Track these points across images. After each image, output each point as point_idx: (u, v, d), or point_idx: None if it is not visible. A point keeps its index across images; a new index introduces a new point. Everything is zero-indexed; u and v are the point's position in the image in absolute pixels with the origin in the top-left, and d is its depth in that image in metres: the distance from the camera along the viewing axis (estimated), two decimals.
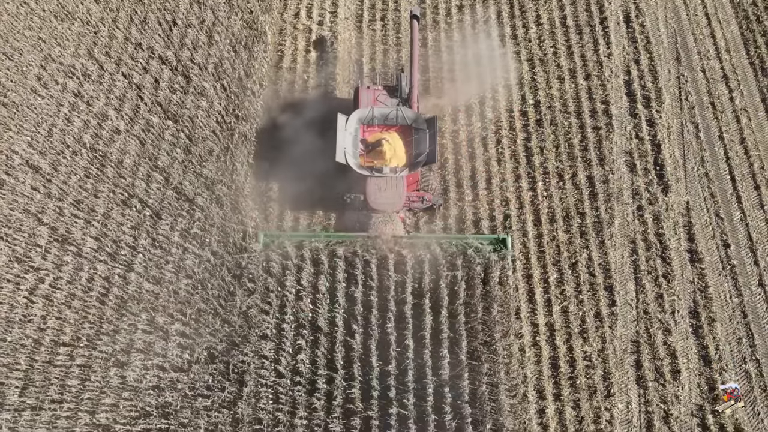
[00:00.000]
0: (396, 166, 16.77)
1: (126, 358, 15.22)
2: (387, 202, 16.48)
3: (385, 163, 16.73)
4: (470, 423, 14.78)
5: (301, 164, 18.14)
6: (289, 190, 18.08)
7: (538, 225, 18.34)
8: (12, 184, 16.83)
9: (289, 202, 18.17)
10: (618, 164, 19.31)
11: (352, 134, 16.97)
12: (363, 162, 16.88)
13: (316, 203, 18.10)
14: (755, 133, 20.04)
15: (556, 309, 17.19)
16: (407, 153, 17.05)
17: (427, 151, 16.71)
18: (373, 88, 18.00)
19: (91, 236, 16.50)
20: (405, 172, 16.79)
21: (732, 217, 18.74)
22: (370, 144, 17.04)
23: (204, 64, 19.34)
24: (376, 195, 16.43)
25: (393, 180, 16.52)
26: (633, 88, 20.64)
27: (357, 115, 17.22)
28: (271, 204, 18.07)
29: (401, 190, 16.51)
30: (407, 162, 16.97)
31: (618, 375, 16.44)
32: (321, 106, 19.36)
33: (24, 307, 15.56)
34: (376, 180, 16.49)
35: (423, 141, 16.90)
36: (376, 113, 17.22)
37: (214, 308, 16.03)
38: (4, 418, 14.34)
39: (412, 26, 18.02)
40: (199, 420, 14.73)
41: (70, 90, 18.34)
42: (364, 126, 17.27)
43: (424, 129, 17.01)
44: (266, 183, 18.31)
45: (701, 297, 17.50)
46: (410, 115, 17.26)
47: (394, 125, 17.28)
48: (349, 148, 16.70)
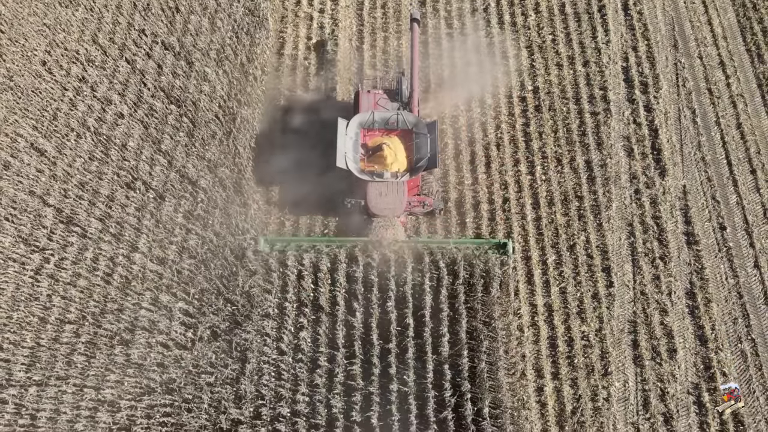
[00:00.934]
0: (397, 171, 16.66)
1: (130, 336, 15.45)
2: (388, 208, 16.39)
3: (386, 168, 16.60)
4: (469, 399, 15.01)
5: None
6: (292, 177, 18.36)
7: (536, 208, 18.57)
8: (17, 167, 17.04)
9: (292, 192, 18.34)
10: (616, 149, 19.53)
11: (353, 139, 16.82)
12: (364, 166, 16.74)
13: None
14: (751, 118, 20.26)
15: (555, 290, 17.43)
16: (408, 157, 16.92)
17: (428, 156, 16.62)
18: (373, 92, 17.85)
19: (96, 217, 16.71)
20: (406, 177, 16.65)
21: (728, 200, 18.97)
22: (371, 149, 16.92)
23: (206, 49, 19.55)
24: (377, 200, 16.35)
25: (394, 185, 16.42)
26: (631, 74, 20.87)
27: (357, 119, 17.08)
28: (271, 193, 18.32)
29: (402, 195, 16.41)
30: (408, 167, 16.83)
31: (615, 354, 16.68)
32: (323, 97, 19.66)
33: (30, 286, 15.77)
34: (377, 185, 16.40)
35: (424, 145, 16.76)
36: (377, 117, 17.08)
37: (217, 288, 16.26)
38: (11, 393, 14.56)
39: (413, 29, 17.90)
40: (203, 396, 14.97)
41: (75, 75, 18.54)
42: (365, 130, 17.12)
43: (425, 133, 16.85)
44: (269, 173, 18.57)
45: (697, 278, 17.73)
46: (411, 120, 17.13)
47: (394, 129, 17.14)
48: (350, 153, 16.56)
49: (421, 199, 17.51)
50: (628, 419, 16.05)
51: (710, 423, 15.97)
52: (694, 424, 15.99)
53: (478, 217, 18.36)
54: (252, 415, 14.89)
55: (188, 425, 14.71)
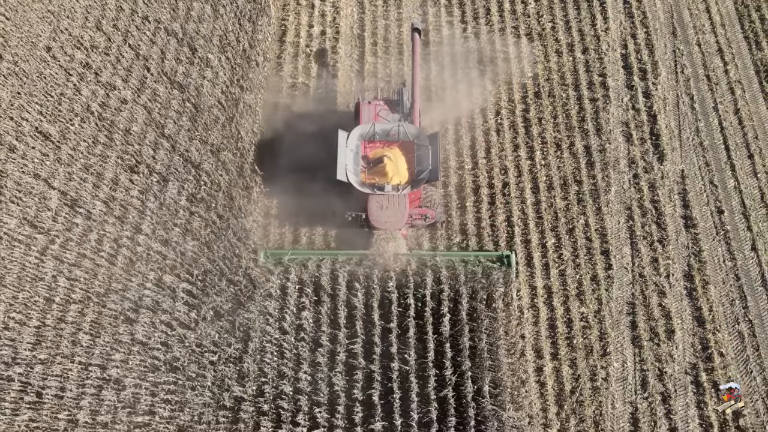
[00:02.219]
0: (398, 184, 16.45)
1: (135, 316, 15.63)
2: (389, 221, 16.12)
3: (387, 181, 16.39)
4: (469, 378, 15.19)
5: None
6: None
7: (536, 192, 18.76)
8: (22, 150, 17.21)
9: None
10: (615, 134, 19.72)
11: (353, 151, 16.59)
12: (364, 179, 16.56)
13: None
14: (749, 104, 20.44)
15: (554, 272, 17.61)
16: (409, 170, 16.68)
17: (429, 168, 16.41)
18: (374, 103, 17.63)
19: (100, 200, 16.90)
20: (407, 189, 16.44)
21: (726, 184, 19.15)
22: (372, 161, 16.72)
23: (209, 36, 19.74)
24: (378, 213, 16.09)
25: (395, 198, 16.20)
26: (630, 61, 21.05)
27: (358, 131, 16.90)
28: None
29: (403, 208, 16.18)
30: (409, 179, 16.62)
31: (614, 335, 16.86)
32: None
33: (35, 267, 15.94)
34: (378, 198, 16.19)
35: (425, 157, 16.54)
36: (378, 129, 16.87)
37: (220, 269, 16.45)
38: (17, 372, 14.73)
39: (414, 40, 17.73)
40: (206, 374, 15.16)
41: (79, 60, 18.72)
42: (366, 142, 16.93)
43: (426, 145, 16.65)
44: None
45: (695, 261, 17.91)
46: (412, 131, 16.93)
47: (395, 141, 16.95)
48: (351, 166, 16.37)
49: (422, 211, 17.25)
50: (626, 398, 16.23)
51: (707, 402, 16.15)
52: (692, 403, 16.16)
53: (478, 201, 18.56)
54: (255, 393, 15.09)
55: (192, 402, 14.90)
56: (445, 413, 14.80)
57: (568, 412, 15.88)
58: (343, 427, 14.72)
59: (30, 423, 14.27)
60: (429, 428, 14.69)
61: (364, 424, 14.75)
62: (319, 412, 14.77)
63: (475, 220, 18.31)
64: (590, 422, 15.79)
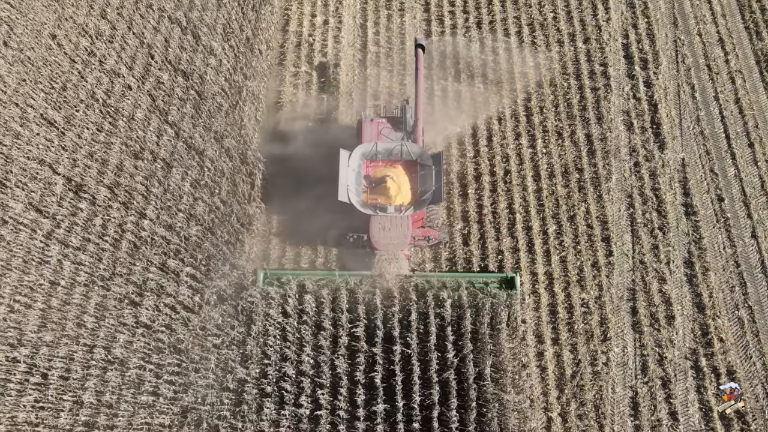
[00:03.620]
0: (401, 205, 16.08)
1: (139, 299, 15.77)
2: (391, 242, 15.72)
3: (390, 202, 16.04)
4: (471, 361, 15.31)
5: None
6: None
7: (537, 180, 18.87)
8: (27, 136, 17.34)
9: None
10: (616, 123, 19.83)
11: (355, 170, 16.24)
12: (366, 198, 16.20)
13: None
14: (749, 93, 20.55)
15: (555, 259, 17.73)
16: (412, 189, 16.31)
17: (433, 189, 16.03)
18: (376, 121, 17.25)
19: (105, 185, 17.03)
20: (410, 211, 16.07)
21: (726, 172, 19.26)
22: (374, 180, 16.36)
23: (213, 24, 19.88)
24: (380, 234, 15.71)
25: (397, 219, 15.82)
26: (631, 51, 21.16)
27: (360, 150, 16.52)
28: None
29: (406, 229, 15.78)
30: (412, 199, 16.25)
31: (614, 321, 16.98)
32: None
33: (40, 250, 16.07)
34: (380, 219, 15.81)
35: (429, 178, 16.16)
36: (380, 148, 16.47)
37: (223, 254, 16.58)
38: (23, 353, 14.86)
39: (417, 56, 17.37)
40: (210, 356, 15.30)
41: (83, 48, 18.85)
42: (368, 161, 16.58)
43: (429, 165, 16.30)
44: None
45: (696, 248, 18.03)
46: (415, 151, 16.56)
47: (398, 160, 16.63)
48: (352, 186, 16.01)
49: (425, 232, 16.85)
50: (626, 383, 16.34)
51: (707, 387, 16.26)
52: (692, 388, 16.27)
53: (480, 188, 18.68)
54: (258, 375, 15.22)
55: (196, 384, 15.04)
56: (446, 396, 14.92)
57: (569, 396, 15.99)
58: (346, 409, 14.85)
59: (35, 404, 14.41)
60: (431, 410, 14.82)
61: (367, 406, 14.89)
62: (322, 394, 14.91)
63: (476, 207, 18.43)
64: (590, 406, 15.90)
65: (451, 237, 17.77)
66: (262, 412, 14.74)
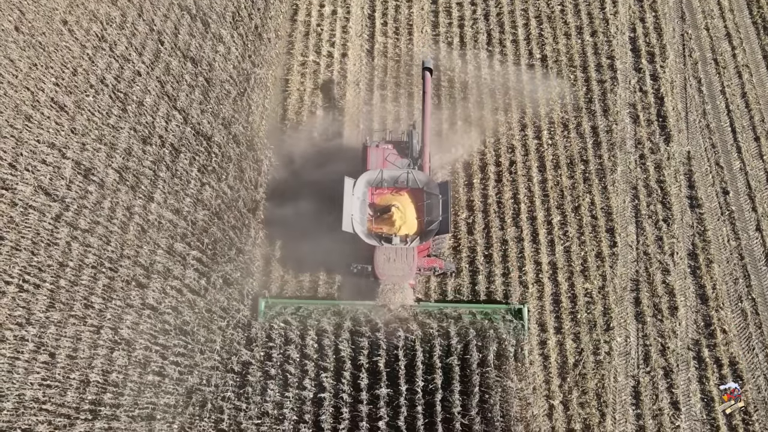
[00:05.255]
0: (406, 235, 15.55)
1: (146, 281, 15.93)
2: (397, 274, 15.21)
3: (395, 232, 15.53)
4: (474, 347, 15.43)
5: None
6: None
7: (542, 171, 18.94)
8: (38, 119, 17.54)
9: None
10: (622, 115, 19.88)
11: (360, 199, 15.73)
12: (371, 227, 15.69)
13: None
14: (756, 87, 20.56)
15: (559, 249, 17.80)
16: (418, 218, 15.76)
17: (439, 219, 15.46)
18: (382, 147, 16.66)
19: (114, 169, 17.20)
20: (416, 242, 15.51)
21: (732, 166, 19.29)
22: (379, 209, 15.84)
23: (222, 12, 20.02)
24: (385, 266, 15.19)
25: (403, 250, 15.31)
26: (638, 44, 21.20)
27: (365, 178, 15.95)
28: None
29: (412, 260, 15.25)
30: (418, 229, 15.70)
31: (617, 311, 17.04)
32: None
33: (49, 232, 16.25)
34: (386, 250, 15.28)
35: (435, 207, 15.61)
36: (386, 176, 15.96)
37: (230, 238, 16.72)
38: (32, 332, 15.04)
39: (425, 79, 16.77)
40: (216, 338, 15.44)
41: (94, 34, 19.04)
42: (373, 188, 16.05)
43: (436, 194, 15.74)
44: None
45: (700, 240, 18.07)
46: (422, 179, 15.99)
47: (404, 187, 16.06)
48: (357, 215, 15.47)
49: (431, 262, 16.51)
50: (628, 372, 16.42)
51: (709, 377, 16.32)
52: (694, 378, 16.33)
53: (485, 179, 18.76)
54: (262, 358, 15.37)
55: (201, 365, 15.20)
56: (449, 381, 15.03)
57: (571, 385, 16.08)
58: (349, 393, 14.98)
59: (42, 382, 14.59)
60: (434, 395, 14.94)
61: (370, 390, 15.02)
62: (326, 377, 15.04)
63: (482, 197, 18.51)
64: (592, 395, 15.99)
65: (458, 267, 17.34)
66: (266, 394, 14.88)
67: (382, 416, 14.50)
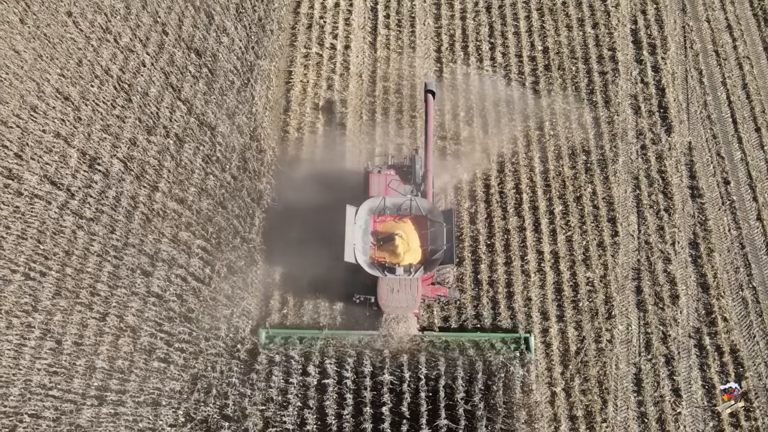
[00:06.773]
0: (410, 265, 15.11)
1: (151, 269, 16.06)
2: (401, 306, 14.81)
3: (399, 261, 15.09)
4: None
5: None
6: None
7: (544, 161, 19.04)
8: (43, 109, 17.67)
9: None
10: (623, 106, 19.98)
11: (362, 227, 15.24)
12: (373, 255, 15.22)
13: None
14: (757, 79, 20.67)
15: (561, 238, 17.90)
16: (422, 247, 15.33)
17: (444, 248, 15.04)
18: (384, 173, 16.25)
19: (118, 158, 17.33)
20: (420, 272, 15.05)
21: (732, 156, 19.40)
22: (382, 237, 15.42)
23: (226, 4, 20.13)
24: (389, 297, 14.73)
25: (407, 280, 14.85)
26: (639, 36, 21.30)
27: (367, 206, 15.48)
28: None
29: (416, 291, 14.82)
30: (422, 257, 15.28)
31: (619, 299, 17.15)
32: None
33: (55, 221, 16.39)
34: (389, 280, 14.83)
35: (440, 235, 15.20)
36: (388, 203, 15.53)
37: (234, 227, 16.84)
38: (38, 319, 15.18)
39: (427, 102, 16.38)
40: (220, 326, 15.56)
41: (99, 25, 19.17)
42: (375, 216, 15.63)
43: (440, 222, 15.33)
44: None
45: (701, 229, 18.17)
46: (425, 206, 15.58)
47: (407, 214, 15.65)
48: (359, 244, 14.98)
49: (436, 291, 16.21)
50: (630, 360, 16.52)
51: (710, 365, 16.43)
52: (695, 366, 16.44)
53: (488, 169, 18.86)
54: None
55: (205, 352, 15.32)
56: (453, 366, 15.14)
57: (573, 372, 16.19)
58: (353, 379, 15.10)
59: (49, 368, 14.72)
60: (437, 381, 15.05)
61: (373, 376, 15.13)
62: (329, 364, 15.16)
63: (484, 187, 18.62)
64: (594, 382, 16.09)
65: (462, 294, 17.05)
66: (270, 380, 15.00)
67: (386, 402, 14.61)
